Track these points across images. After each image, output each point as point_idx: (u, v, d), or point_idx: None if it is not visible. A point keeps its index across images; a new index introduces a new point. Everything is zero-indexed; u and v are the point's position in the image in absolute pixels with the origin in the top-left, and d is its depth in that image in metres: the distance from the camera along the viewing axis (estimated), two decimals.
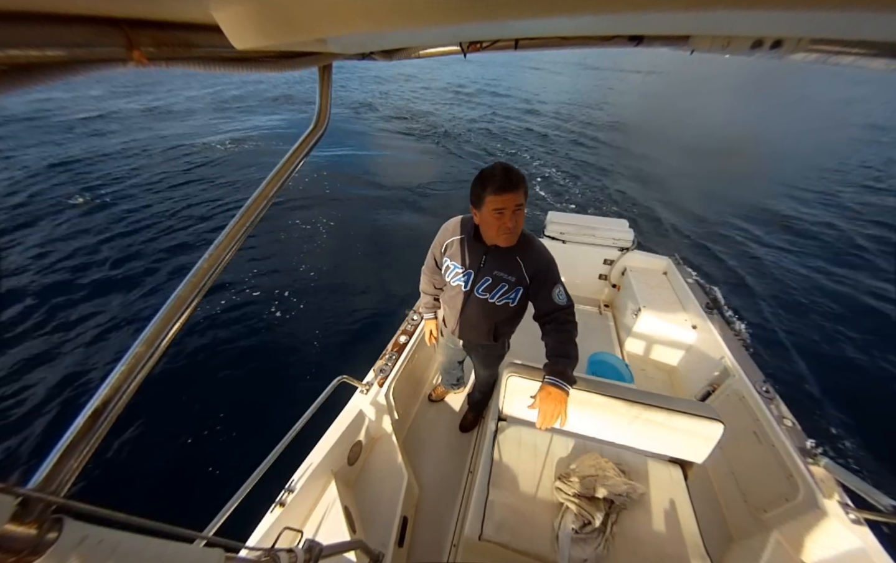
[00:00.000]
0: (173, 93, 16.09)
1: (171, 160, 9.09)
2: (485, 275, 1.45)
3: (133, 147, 9.73)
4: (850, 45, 0.58)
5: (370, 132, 12.71)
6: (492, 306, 1.48)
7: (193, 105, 14.51)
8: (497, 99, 19.17)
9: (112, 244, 6.01)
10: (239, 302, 5.13)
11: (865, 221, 8.02)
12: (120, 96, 14.52)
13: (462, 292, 1.54)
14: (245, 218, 0.68)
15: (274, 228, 6.42)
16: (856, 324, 4.92)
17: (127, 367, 0.51)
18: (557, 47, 0.88)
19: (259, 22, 0.44)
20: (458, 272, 1.51)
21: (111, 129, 11.18)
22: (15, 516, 0.36)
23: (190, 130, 11.46)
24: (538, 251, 1.42)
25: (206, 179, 8.33)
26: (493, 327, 1.57)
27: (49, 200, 6.97)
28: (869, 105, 23.50)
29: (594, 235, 3.32)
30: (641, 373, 2.71)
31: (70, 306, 4.94)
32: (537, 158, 10.88)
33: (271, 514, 1.36)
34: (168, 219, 6.69)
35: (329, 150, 10.09)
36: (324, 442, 1.61)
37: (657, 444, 1.38)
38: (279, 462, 1.28)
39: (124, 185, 7.80)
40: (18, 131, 10.29)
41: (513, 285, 1.42)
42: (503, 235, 1.29)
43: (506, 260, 1.40)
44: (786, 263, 6.36)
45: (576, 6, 0.38)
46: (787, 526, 1.42)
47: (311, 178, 8.26)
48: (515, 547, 1.25)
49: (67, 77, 0.37)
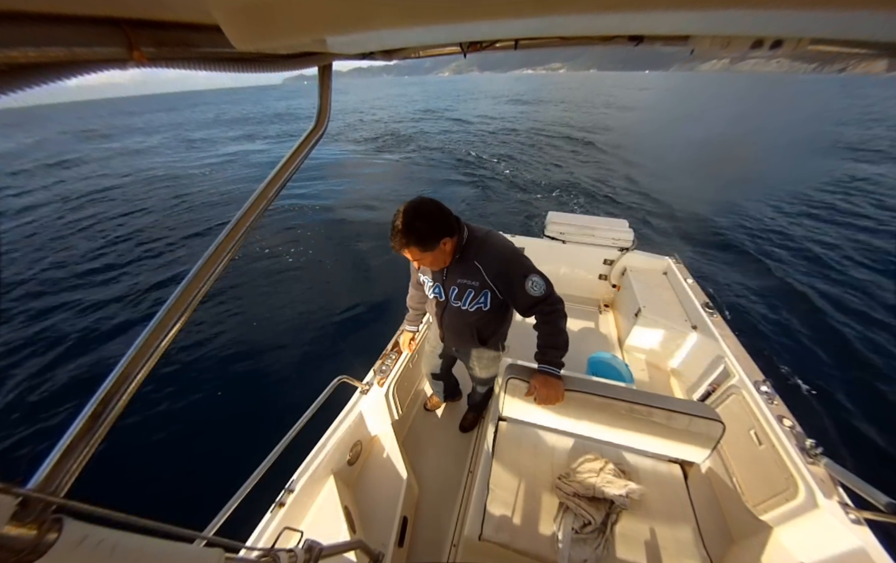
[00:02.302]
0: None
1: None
2: (450, 285, 1.46)
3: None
4: (850, 45, 0.58)
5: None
6: (466, 312, 1.49)
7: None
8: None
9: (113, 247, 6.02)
10: (239, 300, 5.13)
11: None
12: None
13: (439, 303, 1.58)
14: (245, 218, 0.68)
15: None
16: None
17: (127, 367, 0.51)
18: (558, 47, 0.88)
19: (259, 22, 0.44)
20: (430, 285, 1.54)
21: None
22: (15, 516, 0.36)
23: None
24: (494, 249, 1.37)
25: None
26: (475, 332, 1.57)
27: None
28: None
29: (594, 235, 3.31)
30: (641, 373, 2.70)
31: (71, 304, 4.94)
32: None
33: (271, 514, 1.35)
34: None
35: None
36: (324, 442, 1.61)
37: (657, 444, 1.38)
38: (279, 462, 1.28)
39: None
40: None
41: (479, 290, 1.41)
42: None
43: (465, 267, 1.39)
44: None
45: (576, 6, 0.38)
46: (787, 526, 1.42)
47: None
48: (515, 547, 1.25)
49: (67, 77, 0.37)
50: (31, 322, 4.83)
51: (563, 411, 1.40)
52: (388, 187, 10.60)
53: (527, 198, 9.60)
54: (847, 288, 5.58)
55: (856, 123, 23.71)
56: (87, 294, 5.44)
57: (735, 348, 2.11)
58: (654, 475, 1.50)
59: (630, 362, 2.74)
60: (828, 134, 19.57)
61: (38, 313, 4.99)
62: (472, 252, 1.37)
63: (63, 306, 5.16)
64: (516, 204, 9.16)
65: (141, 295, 5.35)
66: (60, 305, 5.18)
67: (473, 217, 8.30)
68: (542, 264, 1.44)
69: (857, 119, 25.45)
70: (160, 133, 25.43)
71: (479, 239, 1.38)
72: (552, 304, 1.32)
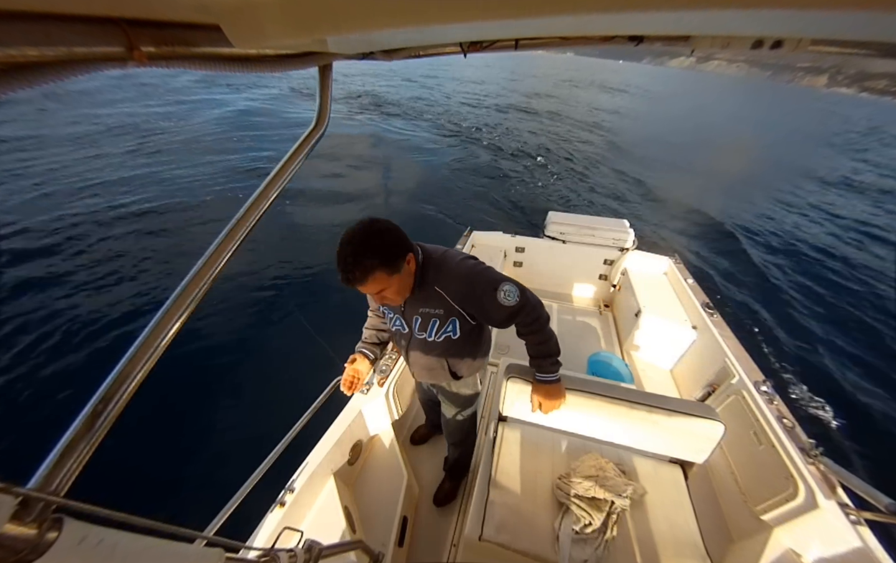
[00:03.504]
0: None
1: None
2: (412, 315, 1.28)
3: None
4: (850, 45, 0.58)
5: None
6: (433, 343, 1.31)
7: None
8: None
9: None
10: (238, 301, 5.12)
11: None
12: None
13: (402, 335, 1.38)
14: (246, 218, 0.68)
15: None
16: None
17: (127, 366, 0.51)
18: (558, 47, 0.88)
19: (259, 22, 0.44)
20: (391, 316, 1.36)
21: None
22: (15, 516, 0.36)
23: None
24: (454, 269, 1.20)
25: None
26: (446, 364, 1.40)
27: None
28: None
29: (594, 235, 3.32)
30: (641, 373, 2.70)
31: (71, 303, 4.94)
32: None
33: (271, 514, 1.35)
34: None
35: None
36: (324, 442, 1.61)
37: (657, 444, 1.38)
38: (279, 462, 1.28)
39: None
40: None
41: (444, 318, 1.24)
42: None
43: (425, 294, 1.22)
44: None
45: (576, 6, 0.38)
46: (787, 526, 1.42)
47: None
48: (515, 548, 1.25)
49: (67, 77, 0.37)
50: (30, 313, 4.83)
51: (563, 411, 1.40)
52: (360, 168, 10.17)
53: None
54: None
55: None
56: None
57: (735, 348, 2.11)
58: (655, 475, 1.50)
59: (630, 362, 2.74)
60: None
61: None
62: (431, 276, 1.20)
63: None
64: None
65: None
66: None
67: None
68: (542, 264, 1.43)
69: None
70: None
71: (436, 260, 1.21)
72: (531, 310, 1.20)
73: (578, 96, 31.27)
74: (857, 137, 29.25)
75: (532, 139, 14.48)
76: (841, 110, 64.29)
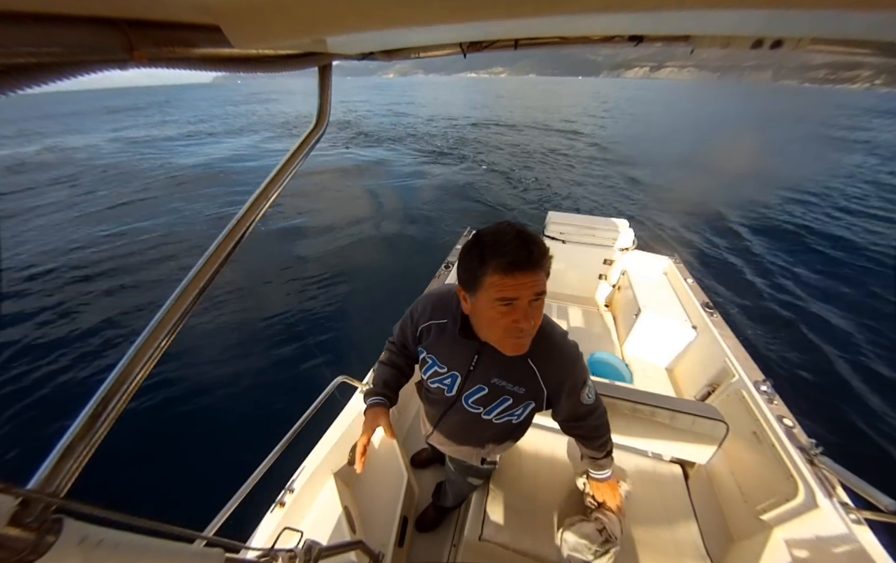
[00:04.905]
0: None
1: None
2: (477, 383, 0.97)
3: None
4: (850, 45, 0.58)
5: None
6: (487, 422, 1.03)
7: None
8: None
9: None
10: (237, 300, 5.13)
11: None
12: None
13: (445, 397, 1.05)
14: (245, 218, 0.68)
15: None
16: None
17: (127, 367, 0.51)
18: (558, 47, 0.88)
19: (259, 22, 0.44)
20: (438, 372, 1.02)
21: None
22: (15, 516, 0.36)
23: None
24: (558, 346, 0.94)
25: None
26: (487, 445, 1.13)
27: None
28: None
29: (594, 235, 3.32)
30: (641, 373, 2.70)
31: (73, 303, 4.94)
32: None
33: (271, 514, 1.35)
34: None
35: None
36: (324, 442, 1.61)
37: (658, 444, 1.38)
38: (279, 462, 1.28)
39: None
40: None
41: (521, 399, 0.96)
42: (510, 340, 0.81)
43: (511, 364, 0.91)
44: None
45: (576, 6, 0.38)
46: (787, 526, 1.42)
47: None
48: (515, 548, 1.25)
49: (67, 77, 0.37)
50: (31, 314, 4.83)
51: None
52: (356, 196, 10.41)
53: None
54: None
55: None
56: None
57: (735, 348, 2.11)
58: (655, 475, 1.50)
59: (630, 362, 2.75)
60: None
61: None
62: (530, 348, 0.86)
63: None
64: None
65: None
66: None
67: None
68: None
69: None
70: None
71: (543, 330, 0.89)
72: (600, 415, 1.06)
73: (536, 116, 32.80)
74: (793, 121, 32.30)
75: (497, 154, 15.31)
76: (785, 99, 68.41)
